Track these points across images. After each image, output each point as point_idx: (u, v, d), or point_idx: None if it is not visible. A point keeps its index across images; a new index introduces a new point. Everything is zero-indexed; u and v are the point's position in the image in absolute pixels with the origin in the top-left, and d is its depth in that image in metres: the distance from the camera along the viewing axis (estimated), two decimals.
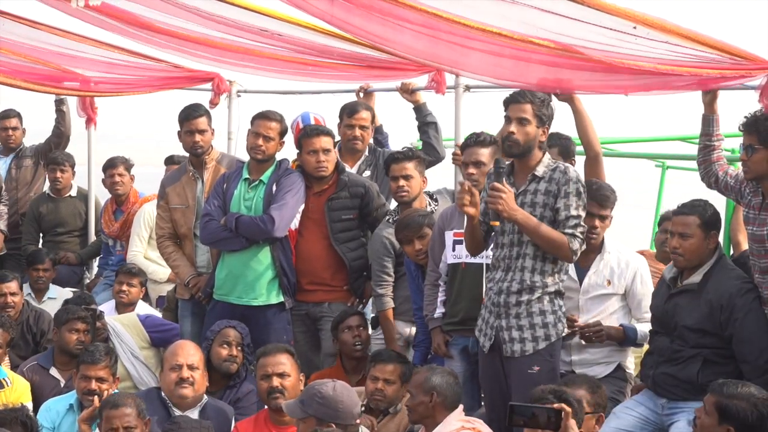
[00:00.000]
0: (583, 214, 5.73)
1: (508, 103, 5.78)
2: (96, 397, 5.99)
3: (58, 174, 9.34)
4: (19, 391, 6.64)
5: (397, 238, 6.81)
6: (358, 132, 7.53)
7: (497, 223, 5.75)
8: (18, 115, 9.66)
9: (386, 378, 6.20)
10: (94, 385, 6.20)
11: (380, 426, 6.06)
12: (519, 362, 5.69)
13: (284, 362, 6.09)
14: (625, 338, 6.20)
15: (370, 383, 6.20)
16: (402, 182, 6.85)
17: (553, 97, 5.93)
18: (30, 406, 6.58)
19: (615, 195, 6.31)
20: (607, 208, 6.21)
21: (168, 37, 7.79)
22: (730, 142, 6.71)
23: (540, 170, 5.75)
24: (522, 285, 5.71)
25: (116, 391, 6.42)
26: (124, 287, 8.00)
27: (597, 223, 6.14)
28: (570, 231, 5.66)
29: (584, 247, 5.83)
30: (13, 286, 7.80)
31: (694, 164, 6.18)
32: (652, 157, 11.26)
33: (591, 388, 5.49)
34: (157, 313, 8.15)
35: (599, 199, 6.13)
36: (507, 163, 5.83)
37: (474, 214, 5.76)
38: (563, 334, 5.81)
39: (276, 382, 6.02)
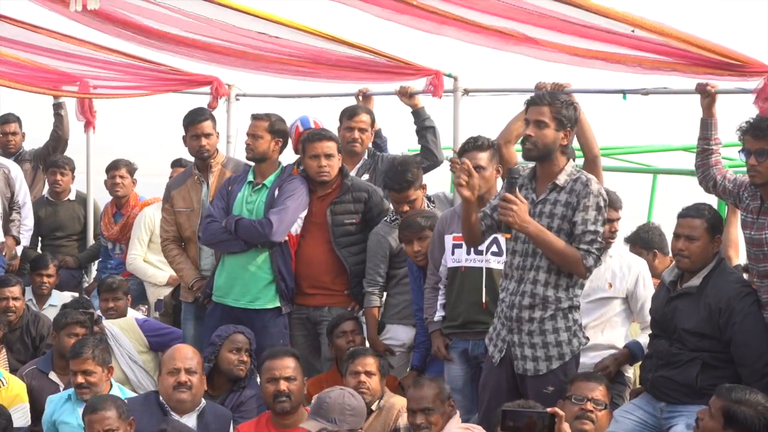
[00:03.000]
0: (601, 229, 5.48)
1: (527, 105, 5.61)
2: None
3: (58, 177, 9.36)
4: (15, 391, 6.66)
5: (398, 236, 6.82)
6: (357, 134, 7.53)
7: (509, 236, 5.58)
8: (18, 120, 9.67)
9: (367, 370, 6.19)
10: (80, 378, 6.29)
11: (366, 426, 6.01)
12: (533, 381, 5.57)
13: (291, 366, 6.04)
14: (632, 357, 6.21)
15: (351, 379, 6.16)
16: (406, 207, 6.85)
17: (576, 100, 5.74)
18: (26, 406, 6.63)
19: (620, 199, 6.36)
20: (618, 210, 6.25)
21: (165, 39, 7.78)
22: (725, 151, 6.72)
23: (562, 179, 5.52)
24: (534, 299, 5.54)
25: (120, 386, 6.53)
26: (110, 304, 7.88)
27: (616, 225, 6.18)
28: (585, 247, 5.43)
29: (600, 263, 5.64)
30: (15, 290, 7.79)
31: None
32: (644, 170, 11.25)
33: (606, 383, 5.53)
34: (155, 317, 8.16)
35: (612, 202, 6.10)
36: (530, 166, 5.68)
37: (469, 197, 5.52)
38: (579, 350, 5.64)
39: (283, 385, 5.97)
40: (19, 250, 8.68)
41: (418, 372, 6.67)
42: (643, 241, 7.31)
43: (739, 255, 6.61)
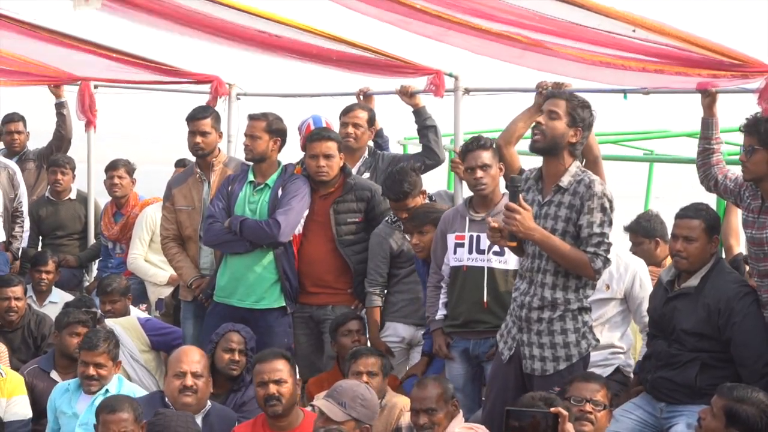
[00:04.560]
0: (608, 231, 5.49)
1: (545, 99, 5.65)
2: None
3: (59, 176, 9.36)
4: (14, 384, 6.67)
5: (404, 227, 6.85)
6: (351, 129, 7.54)
7: (514, 244, 5.60)
8: (22, 119, 9.68)
9: (369, 370, 6.19)
10: (92, 370, 6.34)
11: None
12: (540, 381, 5.56)
13: (281, 368, 5.97)
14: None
15: (353, 379, 6.13)
16: (404, 214, 6.86)
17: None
18: (25, 398, 6.64)
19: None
20: None
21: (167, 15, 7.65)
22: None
23: (565, 180, 5.52)
24: (543, 302, 5.55)
25: (119, 375, 6.52)
26: (108, 307, 7.86)
27: None
28: (592, 249, 5.43)
29: (609, 264, 5.61)
30: (18, 290, 7.80)
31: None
32: (640, 159, 11.26)
33: (606, 384, 5.53)
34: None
35: None
36: (537, 168, 5.70)
37: (511, 244, 5.64)
38: (588, 353, 5.64)
39: (273, 389, 5.90)
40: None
41: (429, 357, 6.69)
42: (645, 230, 7.25)
43: (740, 243, 6.57)
